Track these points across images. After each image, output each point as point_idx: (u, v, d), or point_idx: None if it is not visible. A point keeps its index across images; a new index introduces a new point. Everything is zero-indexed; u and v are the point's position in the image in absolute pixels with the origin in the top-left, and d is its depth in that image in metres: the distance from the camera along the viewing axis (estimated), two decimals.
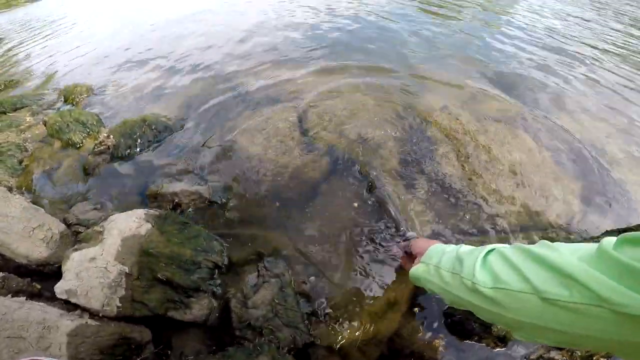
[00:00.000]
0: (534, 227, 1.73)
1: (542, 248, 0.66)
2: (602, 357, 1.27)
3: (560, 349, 1.31)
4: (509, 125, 2.35)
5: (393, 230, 1.63)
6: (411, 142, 2.13)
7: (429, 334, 1.35)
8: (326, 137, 2.13)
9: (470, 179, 1.91)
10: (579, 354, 1.29)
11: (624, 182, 2.05)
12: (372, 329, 1.35)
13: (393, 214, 1.66)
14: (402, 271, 1.48)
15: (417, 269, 1.03)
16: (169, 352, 1.29)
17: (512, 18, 4.50)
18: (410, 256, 1.21)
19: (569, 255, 0.60)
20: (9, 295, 1.22)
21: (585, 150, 2.23)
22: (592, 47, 3.94)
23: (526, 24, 4.39)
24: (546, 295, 0.58)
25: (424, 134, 2.20)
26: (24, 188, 1.85)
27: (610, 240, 0.56)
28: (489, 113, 2.46)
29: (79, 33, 3.93)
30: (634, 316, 0.46)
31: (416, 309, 1.41)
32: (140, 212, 1.50)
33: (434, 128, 2.24)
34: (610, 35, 4.43)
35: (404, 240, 1.48)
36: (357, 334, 1.33)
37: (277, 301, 1.34)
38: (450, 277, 0.86)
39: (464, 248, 0.90)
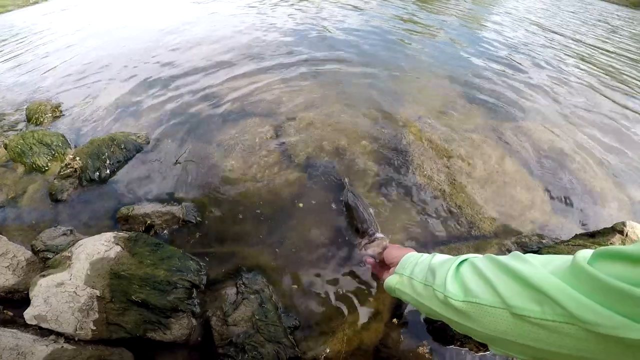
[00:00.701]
0: (507, 233, 1.77)
1: (514, 260, 0.64)
2: None
3: None
4: (482, 135, 2.42)
5: (363, 234, 1.63)
6: (387, 153, 2.16)
7: (413, 342, 1.35)
8: (303, 150, 2.13)
9: (443, 188, 1.95)
10: None
11: (593, 188, 2.13)
12: (357, 339, 1.34)
13: (362, 215, 1.66)
14: (379, 280, 1.48)
15: (390, 280, 1.00)
16: None
17: (487, 30, 4.66)
18: (384, 265, 1.17)
19: (541, 268, 0.58)
20: None
21: (556, 158, 2.32)
22: (566, 56, 4.12)
23: (501, 36, 4.55)
24: (517, 311, 0.56)
25: (399, 144, 2.24)
26: None
27: (585, 254, 0.54)
28: (463, 124, 2.53)
29: (49, 47, 3.81)
30: (606, 335, 0.45)
31: (397, 320, 1.41)
32: (109, 235, 1.46)
33: (410, 138, 2.28)
34: (586, 43, 4.65)
35: (371, 241, 1.49)
36: (342, 345, 1.32)
37: (257, 317, 1.32)
38: (423, 289, 0.83)
39: (437, 258, 0.87)
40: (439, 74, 3.24)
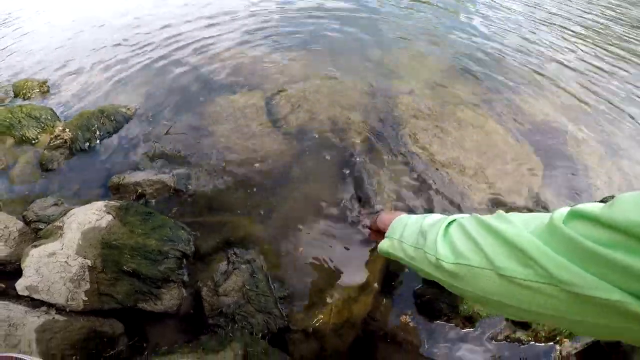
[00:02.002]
0: (498, 204, 1.78)
1: (498, 220, 0.65)
2: (565, 337, 1.33)
3: (525, 329, 1.35)
4: (475, 108, 2.40)
5: (363, 204, 1.64)
6: (380, 124, 2.14)
7: (400, 316, 1.38)
8: (295, 120, 2.11)
9: (436, 158, 1.95)
10: (543, 334, 1.34)
11: (585, 161, 2.13)
12: (346, 311, 1.36)
13: (365, 188, 1.67)
14: (373, 249, 1.49)
15: (383, 244, 1.02)
16: (144, 344, 1.26)
17: (483, 4, 4.55)
18: (379, 231, 1.18)
19: (522, 228, 0.59)
20: None
21: (549, 132, 2.32)
22: (565, 31, 4.05)
23: (497, 10, 4.45)
24: (503, 272, 0.57)
25: (392, 114, 2.22)
26: None
27: (562, 212, 0.54)
28: (455, 96, 2.51)
29: (29, 27, 3.72)
30: (582, 296, 0.46)
31: (387, 292, 1.43)
32: (100, 204, 1.45)
33: (402, 109, 2.27)
34: (586, 19, 4.56)
35: (372, 212, 1.50)
36: (331, 317, 1.34)
37: (248, 287, 1.33)
38: (414, 252, 0.84)
39: (428, 219, 0.87)
40: (431, 49, 3.19)
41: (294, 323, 1.32)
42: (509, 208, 1.77)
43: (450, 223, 0.78)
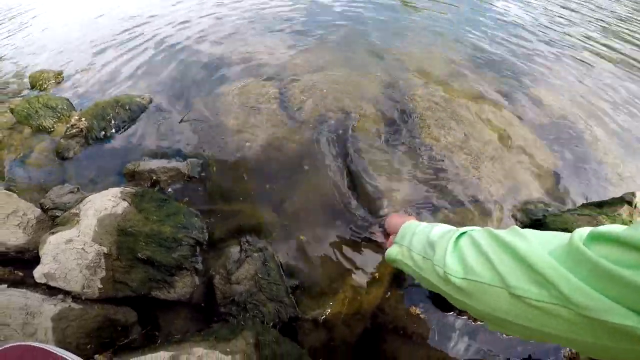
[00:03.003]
0: (513, 199, 1.76)
1: (513, 236, 0.63)
2: None
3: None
4: (490, 101, 2.37)
5: (371, 207, 1.63)
6: (393, 115, 2.13)
7: (411, 309, 1.37)
8: (308, 110, 2.11)
9: (449, 152, 1.93)
10: None
11: (603, 157, 2.09)
12: (356, 303, 1.37)
13: (367, 196, 1.66)
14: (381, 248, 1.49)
15: (391, 251, 1.00)
16: (157, 332, 1.28)
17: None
18: (387, 235, 1.17)
19: (539, 247, 0.57)
20: None
21: (566, 127, 2.27)
22: (581, 26, 3.96)
23: (515, 3, 4.37)
24: (515, 292, 0.56)
25: (406, 106, 2.20)
26: None
27: (581, 233, 0.53)
28: (471, 89, 2.47)
29: (44, 20, 3.75)
30: (595, 319, 0.45)
31: (397, 284, 1.43)
32: (116, 191, 1.47)
33: (417, 101, 2.24)
34: (607, 14, 4.45)
35: (382, 217, 1.50)
36: (342, 307, 1.35)
37: (260, 276, 1.34)
38: (422, 262, 0.82)
39: (436, 230, 0.85)
40: (446, 40, 3.14)
41: (304, 312, 1.32)
42: (525, 202, 1.75)
43: (460, 235, 0.76)
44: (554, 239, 0.59)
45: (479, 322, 1.35)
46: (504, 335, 1.33)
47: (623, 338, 0.44)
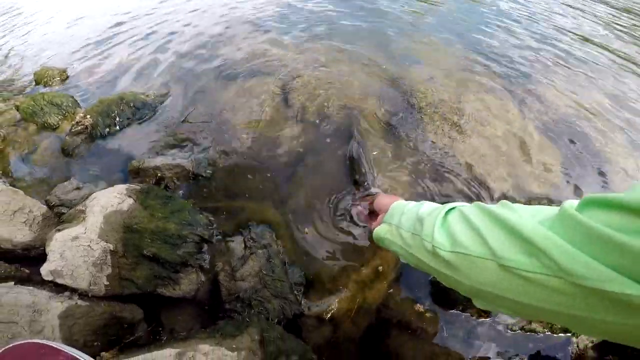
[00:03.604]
0: (517, 195, 1.76)
1: (503, 208, 0.61)
2: None
3: (541, 321, 1.34)
4: (495, 96, 2.36)
5: (359, 183, 1.65)
6: (397, 111, 2.12)
7: (415, 304, 1.38)
8: (311, 107, 2.10)
9: (454, 148, 1.92)
10: (559, 326, 1.32)
11: (608, 155, 2.08)
12: (360, 298, 1.37)
13: (362, 168, 1.67)
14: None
15: (380, 229, 0.98)
16: (162, 330, 1.29)
17: None
18: (373, 216, 1.16)
19: (530, 218, 0.55)
20: None
21: (570, 123, 2.26)
22: (586, 23, 3.93)
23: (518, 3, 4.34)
24: (504, 262, 0.53)
25: (409, 102, 2.20)
26: (1, 173, 1.81)
27: (572, 202, 0.51)
28: (476, 85, 2.46)
29: (45, 19, 3.75)
30: (592, 289, 0.43)
31: (402, 280, 1.43)
32: (122, 188, 1.47)
33: (420, 97, 2.24)
34: (608, 13, 4.41)
35: (366, 196, 1.49)
36: (346, 303, 1.35)
37: (264, 272, 1.35)
38: (411, 238, 0.81)
39: (426, 207, 0.84)
40: (449, 36, 3.12)
41: (309, 309, 1.33)
42: (529, 198, 1.75)
43: (449, 210, 0.75)
44: (544, 210, 0.58)
45: (483, 318, 1.35)
46: (509, 331, 1.34)
47: (621, 309, 0.42)
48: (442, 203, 0.81)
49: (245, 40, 2.84)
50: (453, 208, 0.75)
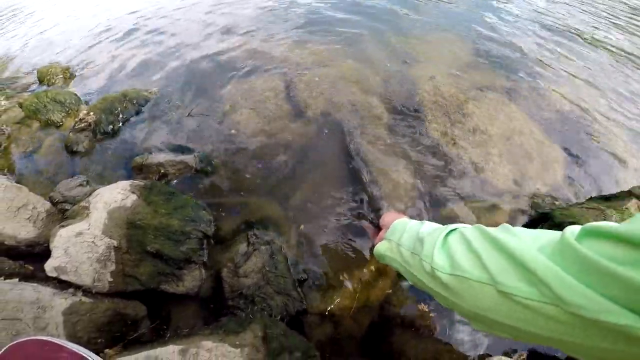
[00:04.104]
0: (521, 193, 1.75)
1: (504, 233, 0.61)
2: None
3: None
4: (497, 95, 2.35)
5: (370, 202, 1.64)
6: (400, 109, 2.12)
7: (417, 302, 1.38)
8: (314, 105, 2.11)
9: (457, 146, 1.92)
10: None
11: (612, 151, 2.07)
12: (363, 296, 1.37)
13: (371, 191, 1.66)
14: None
15: (380, 246, 0.98)
16: (165, 326, 1.29)
17: None
18: (379, 230, 1.14)
19: (530, 243, 0.55)
20: (2, 278, 1.20)
21: (573, 121, 2.25)
22: (589, 20, 3.91)
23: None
24: (503, 288, 0.53)
25: (412, 100, 2.19)
26: (5, 170, 1.82)
27: (573, 230, 0.51)
28: (477, 83, 2.45)
29: (48, 17, 3.76)
30: (588, 319, 0.43)
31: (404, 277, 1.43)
32: (125, 184, 1.48)
33: (423, 95, 2.24)
34: (612, 10, 4.39)
35: (375, 210, 1.50)
36: (348, 300, 1.35)
37: (267, 269, 1.35)
38: (411, 257, 0.80)
39: (427, 227, 0.83)
40: (452, 35, 3.10)
41: (312, 306, 1.33)
42: (532, 195, 1.74)
43: (450, 232, 0.74)
44: (544, 235, 0.57)
45: None
46: None
47: (617, 338, 0.42)
48: (444, 203, 0.81)
49: (248, 38, 2.84)
50: (454, 229, 0.74)
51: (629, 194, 1.55)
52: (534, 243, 0.55)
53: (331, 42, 2.79)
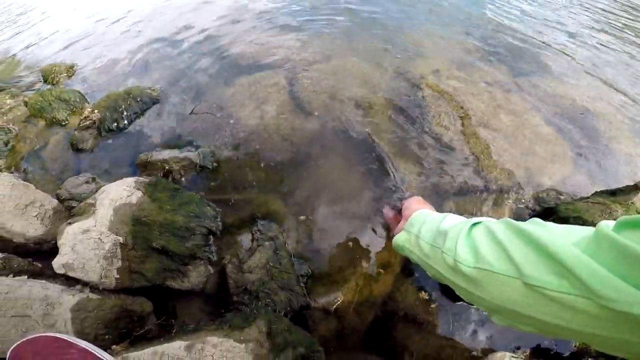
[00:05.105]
0: (525, 187, 1.75)
1: (534, 226, 0.59)
2: None
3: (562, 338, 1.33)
4: (502, 89, 2.33)
5: (392, 188, 1.64)
6: (403, 104, 2.11)
7: (421, 297, 1.38)
8: (317, 100, 2.11)
9: (462, 139, 1.92)
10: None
11: (617, 145, 2.06)
12: (366, 291, 1.38)
13: (391, 173, 1.67)
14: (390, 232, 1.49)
15: (399, 237, 0.98)
16: (172, 322, 1.31)
17: None
18: (399, 219, 1.13)
19: (561, 237, 0.54)
20: (11, 275, 1.21)
21: (578, 115, 2.23)
22: (593, 15, 3.86)
23: None
24: (530, 281, 0.52)
25: (416, 95, 2.18)
26: (13, 168, 1.84)
27: (608, 223, 0.50)
28: (481, 78, 2.43)
29: (51, 15, 3.76)
30: (620, 312, 0.42)
31: (408, 272, 1.44)
32: (130, 181, 1.49)
33: (426, 90, 2.23)
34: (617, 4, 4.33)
35: (398, 200, 1.49)
36: (352, 295, 1.36)
37: (271, 264, 1.36)
38: (430, 250, 0.80)
39: (449, 220, 0.82)
40: (455, 28, 3.07)
41: (315, 301, 1.35)
42: (537, 190, 1.74)
43: (474, 225, 0.73)
44: (577, 230, 0.56)
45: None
46: None
47: None
48: (448, 197, 0.81)
49: (251, 34, 2.83)
50: (478, 222, 0.74)
51: (635, 188, 1.54)
52: (566, 237, 0.54)
53: (334, 37, 2.78)
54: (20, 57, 2.94)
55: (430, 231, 0.84)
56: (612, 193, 1.59)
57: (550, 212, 1.58)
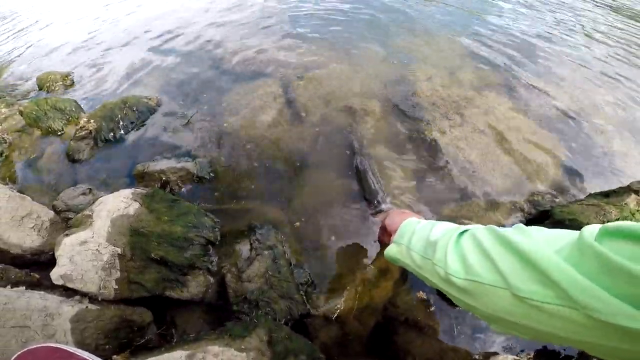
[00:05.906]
0: (520, 191, 1.76)
1: (517, 234, 0.60)
2: None
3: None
4: (496, 94, 2.36)
5: (371, 201, 1.65)
6: (398, 111, 2.13)
7: (421, 302, 1.38)
8: (313, 108, 2.12)
9: (455, 146, 1.93)
10: None
11: (610, 147, 2.09)
12: (366, 297, 1.38)
13: (370, 184, 1.67)
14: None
15: (390, 250, 0.97)
16: (172, 331, 1.30)
17: None
18: (386, 232, 1.13)
19: (545, 245, 0.54)
20: (9, 286, 1.20)
21: (571, 118, 2.26)
22: (586, 18, 3.91)
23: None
24: (518, 292, 0.53)
25: (410, 101, 2.20)
26: (7, 179, 1.83)
27: (592, 229, 0.50)
28: (475, 82, 2.46)
29: (47, 24, 3.76)
30: (605, 322, 0.42)
31: (407, 277, 1.44)
32: (127, 192, 1.49)
33: (421, 96, 2.25)
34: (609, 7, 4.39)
35: (377, 212, 1.50)
36: (352, 302, 1.36)
37: (270, 273, 1.36)
38: (422, 261, 0.80)
39: (437, 228, 0.82)
40: (449, 34, 3.10)
41: (315, 308, 1.34)
42: (531, 193, 1.75)
43: (461, 234, 0.73)
44: (561, 236, 0.56)
45: None
46: None
47: (635, 340, 0.41)
48: (443, 202, 0.81)
49: (247, 42, 2.85)
50: (466, 231, 0.74)
51: (629, 190, 1.55)
52: (549, 244, 0.54)
53: (328, 44, 2.80)
54: (15, 64, 2.94)
55: (420, 241, 0.84)
56: (606, 195, 1.60)
57: (545, 215, 1.59)
